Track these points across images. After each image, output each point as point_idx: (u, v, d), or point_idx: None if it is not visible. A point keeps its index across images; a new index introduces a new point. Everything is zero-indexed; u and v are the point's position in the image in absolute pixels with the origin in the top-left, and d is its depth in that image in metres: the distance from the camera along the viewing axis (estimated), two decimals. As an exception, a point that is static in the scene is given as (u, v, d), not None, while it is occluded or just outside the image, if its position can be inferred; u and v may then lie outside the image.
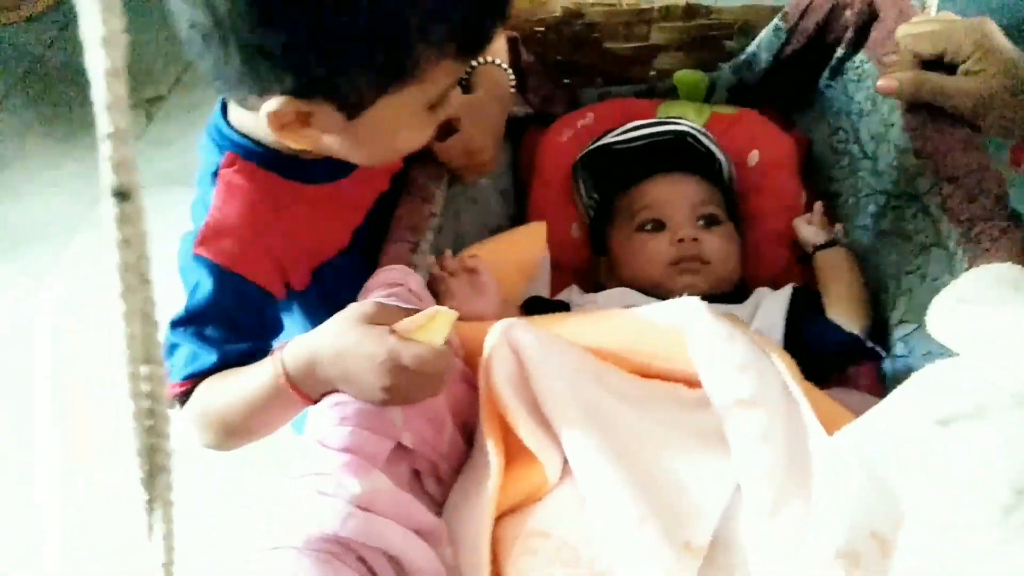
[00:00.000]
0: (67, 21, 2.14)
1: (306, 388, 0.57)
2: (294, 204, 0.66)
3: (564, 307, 0.79)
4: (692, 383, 0.59)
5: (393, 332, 0.53)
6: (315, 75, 0.52)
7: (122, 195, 0.22)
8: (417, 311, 0.55)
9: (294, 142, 0.59)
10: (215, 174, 0.65)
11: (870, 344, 0.70)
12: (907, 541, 0.47)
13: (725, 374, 0.57)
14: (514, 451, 0.57)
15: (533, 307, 0.78)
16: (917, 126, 0.71)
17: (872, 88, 0.80)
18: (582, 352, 0.60)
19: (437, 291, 0.69)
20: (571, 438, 0.55)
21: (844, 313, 0.73)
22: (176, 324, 0.65)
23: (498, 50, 0.82)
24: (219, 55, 0.52)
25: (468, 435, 0.64)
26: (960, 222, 0.62)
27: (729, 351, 0.58)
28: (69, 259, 1.59)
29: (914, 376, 0.51)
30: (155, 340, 0.26)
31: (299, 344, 0.57)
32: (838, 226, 0.82)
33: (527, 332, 0.58)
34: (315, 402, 0.58)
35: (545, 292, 0.84)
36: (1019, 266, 0.57)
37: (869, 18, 0.83)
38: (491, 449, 0.56)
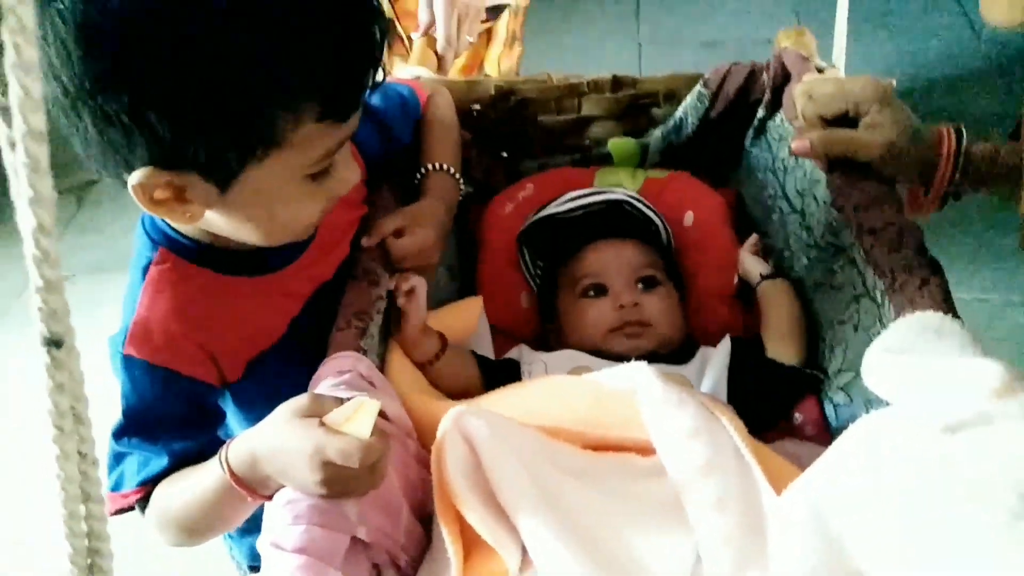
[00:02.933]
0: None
1: (254, 484, 0.57)
2: (227, 298, 0.66)
3: (514, 365, 0.80)
4: (646, 451, 0.60)
5: (322, 425, 0.53)
6: (165, 141, 0.51)
7: (55, 343, 0.23)
8: (353, 398, 0.55)
9: (178, 220, 0.59)
10: (145, 269, 0.65)
11: (808, 371, 0.73)
12: (912, 551, 0.47)
13: (678, 441, 0.58)
14: (474, 539, 0.57)
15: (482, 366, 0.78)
16: (836, 181, 0.75)
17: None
18: (535, 434, 0.60)
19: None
20: (528, 527, 0.55)
21: (781, 343, 0.77)
22: (120, 433, 0.64)
23: (445, 116, 0.84)
24: (77, 127, 0.52)
25: (427, 519, 0.63)
26: (884, 273, 0.65)
27: (680, 417, 0.59)
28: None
29: (851, 428, 0.53)
30: (95, 478, 0.26)
31: (241, 441, 0.58)
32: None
33: (479, 420, 0.58)
34: (268, 497, 0.57)
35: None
36: (941, 313, 0.60)
37: (784, 80, 0.88)
38: (447, 539, 0.55)
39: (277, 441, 0.54)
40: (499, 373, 0.77)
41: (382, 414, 0.57)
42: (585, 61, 2.21)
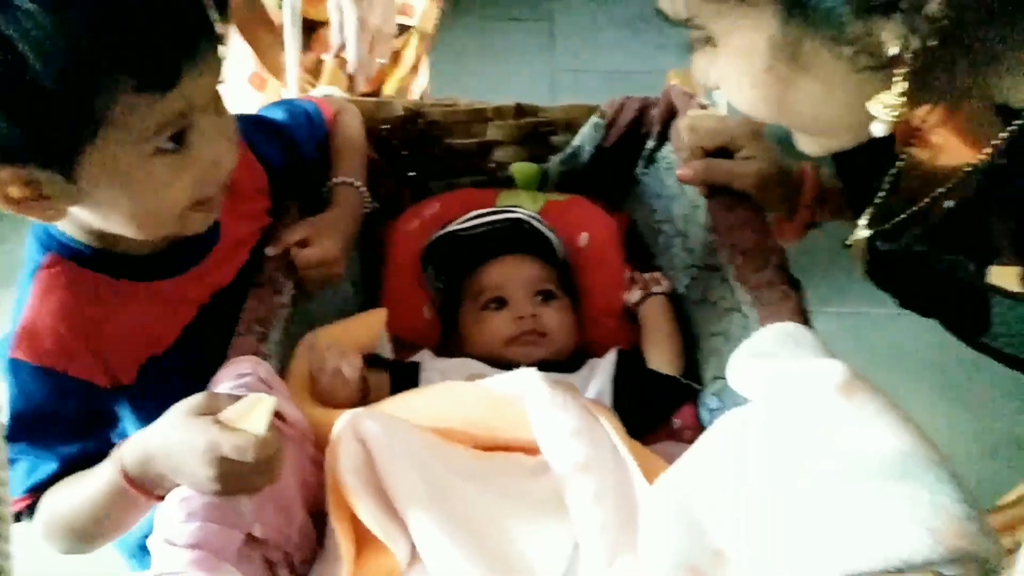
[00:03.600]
0: None
1: (147, 484, 0.57)
2: (119, 301, 0.66)
3: (414, 368, 0.83)
4: (532, 450, 0.64)
5: (217, 422, 0.54)
6: None
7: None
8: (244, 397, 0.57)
9: (44, 218, 0.59)
10: (34, 273, 0.65)
11: (685, 381, 0.80)
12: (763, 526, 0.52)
13: (561, 440, 0.63)
14: (365, 536, 0.60)
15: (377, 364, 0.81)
16: (713, 206, 0.82)
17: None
18: (427, 435, 0.64)
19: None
20: (417, 523, 0.58)
21: (660, 355, 0.83)
22: (7, 439, 0.63)
23: (352, 132, 0.86)
24: None
25: (322, 520, 0.65)
26: (750, 288, 0.71)
27: (563, 418, 0.64)
28: None
29: (714, 424, 0.59)
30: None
31: (134, 441, 0.58)
32: (655, 275, 0.91)
33: (373, 422, 0.61)
34: (161, 498, 0.58)
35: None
36: (798, 323, 0.67)
37: (672, 115, 0.95)
38: (339, 536, 0.57)
39: (171, 438, 0.55)
40: (402, 374, 0.81)
41: (279, 415, 0.59)
42: (501, 86, 2.30)
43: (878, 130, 0.51)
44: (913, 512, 0.48)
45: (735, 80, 0.55)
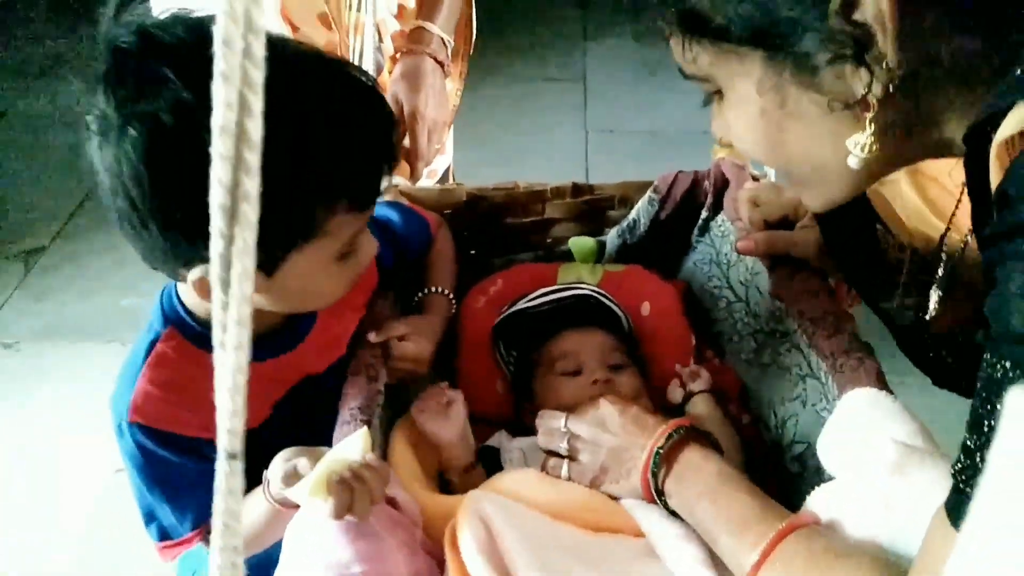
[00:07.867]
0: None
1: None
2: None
3: (494, 452, 0.85)
4: (637, 533, 0.68)
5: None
6: None
7: (233, 456, 0.28)
8: None
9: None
10: (152, 344, 0.72)
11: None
12: None
13: (661, 519, 0.66)
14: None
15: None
16: (778, 275, 0.86)
17: (735, 243, 0.95)
18: (542, 517, 0.67)
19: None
20: None
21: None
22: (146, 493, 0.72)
23: (448, 245, 0.97)
24: (143, 234, 0.60)
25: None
26: (826, 356, 0.75)
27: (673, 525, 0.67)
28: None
29: (810, 498, 0.62)
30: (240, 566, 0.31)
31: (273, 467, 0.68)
32: (695, 369, 0.92)
33: (494, 505, 0.65)
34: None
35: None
36: (876, 389, 0.70)
37: (724, 185, 1.00)
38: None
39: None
40: (485, 457, 0.84)
41: (391, 501, 0.63)
42: (535, 147, 2.36)
43: (853, 163, 0.55)
44: None
45: (736, 126, 0.60)
